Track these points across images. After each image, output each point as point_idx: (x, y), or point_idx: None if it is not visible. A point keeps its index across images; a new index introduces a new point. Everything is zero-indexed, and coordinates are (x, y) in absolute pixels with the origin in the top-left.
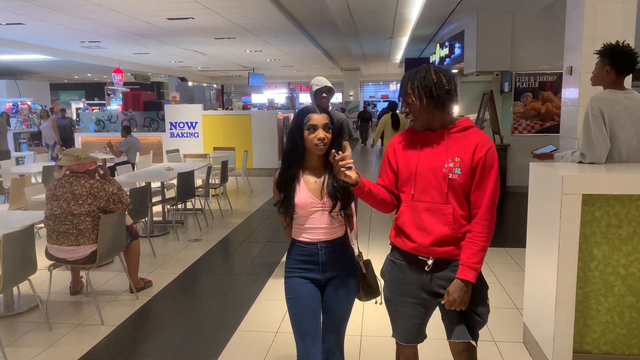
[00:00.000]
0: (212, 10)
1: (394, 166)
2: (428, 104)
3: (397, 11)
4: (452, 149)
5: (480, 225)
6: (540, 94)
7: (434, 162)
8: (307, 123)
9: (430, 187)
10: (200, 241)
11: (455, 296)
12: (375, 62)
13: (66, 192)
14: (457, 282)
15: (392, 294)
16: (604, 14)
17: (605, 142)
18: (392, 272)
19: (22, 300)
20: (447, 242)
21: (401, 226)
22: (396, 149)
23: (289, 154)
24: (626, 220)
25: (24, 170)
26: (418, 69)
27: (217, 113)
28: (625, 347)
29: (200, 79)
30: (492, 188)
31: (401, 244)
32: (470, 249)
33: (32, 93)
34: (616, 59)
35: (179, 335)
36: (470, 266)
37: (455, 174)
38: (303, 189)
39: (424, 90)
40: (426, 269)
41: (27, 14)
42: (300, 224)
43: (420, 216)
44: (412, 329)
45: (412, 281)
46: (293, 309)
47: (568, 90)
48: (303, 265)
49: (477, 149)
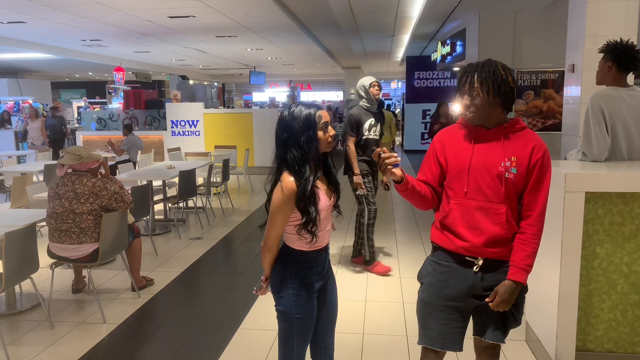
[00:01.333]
0: (213, 8)
1: (441, 160)
2: (494, 99)
3: (398, 9)
4: (508, 147)
5: (534, 227)
6: (542, 92)
7: (489, 159)
8: (321, 122)
9: (484, 184)
10: (201, 239)
11: (505, 297)
12: (376, 60)
13: (68, 191)
14: (509, 283)
15: (430, 297)
16: (606, 11)
17: (605, 140)
18: (435, 274)
19: (24, 299)
20: (498, 242)
21: (450, 225)
22: (445, 143)
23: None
24: (629, 218)
25: (25, 169)
26: (484, 62)
27: (219, 111)
28: (628, 345)
29: (201, 77)
30: (546, 191)
31: (448, 243)
32: (524, 250)
33: (34, 92)
34: (617, 56)
35: (181, 333)
36: (524, 268)
37: (511, 173)
38: (322, 194)
39: (494, 84)
40: (475, 269)
41: (28, 13)
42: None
43: (472, 214)
44: (449, 333)
45: (457, 284)
46: (303, 329)
47: (570, 88)
48: (313, 276)
49: (535, 151)
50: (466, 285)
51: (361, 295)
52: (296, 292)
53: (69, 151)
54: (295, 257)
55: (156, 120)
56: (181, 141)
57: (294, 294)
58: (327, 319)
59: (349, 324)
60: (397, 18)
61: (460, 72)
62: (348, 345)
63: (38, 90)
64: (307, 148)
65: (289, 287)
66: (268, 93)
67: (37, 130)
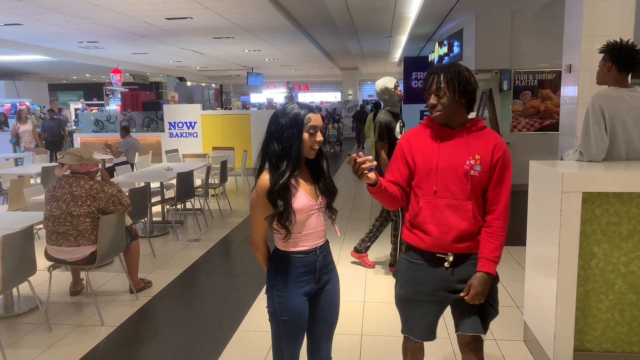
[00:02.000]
0: (211, 10)
1: (409, 161)
2: (459, 98)
3: (395, 10)
4: (472, 146)
5: (500, 221)
6: (539, 92)
7: (455, 159)
8: (308, 124)
9: (452, 183)
10: (199, 241)
11: (479, 289)
12: (373, 61)
13: (65, 193)
14: (480, 275)
15: (407, 294)
16: (602, 11)
17: (604, 140)
18: (409, 271)
19: (22, 302)
20: (466, 237)
21: (420, 223)
22: (412, 144)
23: (282, 158)
24: (626, 218)
25: (22, 171)
26: (449, 64)
27: (216, 113)
28: (626, 344)
29: (198, 78)
30: (509, 185)
31: (418, 241)
32: (492, 243)
33: (31, 94)
34: (617, 56)
35: (179, 335)
36: (493, 260)
37: (476, 171)
38: (301, 193)
39: (459, 84)
40: (446, 265)
41: (25, 15)
42: (297, 232)
43: (442, 212)
44: (428, 326)
45: (431, 280)
46: (292, 330)
47: (567, 88)
48: (300, 278)
49: (496, 148)
50: (440, 281)
51: (359, 296)
52: (281, 294)
53: (70, 152)
54: (281, 257)
55: (154, 122)
56: (179, 143)
57: (278, 295)
58: (322, 323)
59: (347, 325)
60: (395, 19)
61: (426, 74)
62: (346, 347)
63: (35, 93)
64: (288, 145)
65: (274, 288)
66: (266, 94)
67: (29, 134)
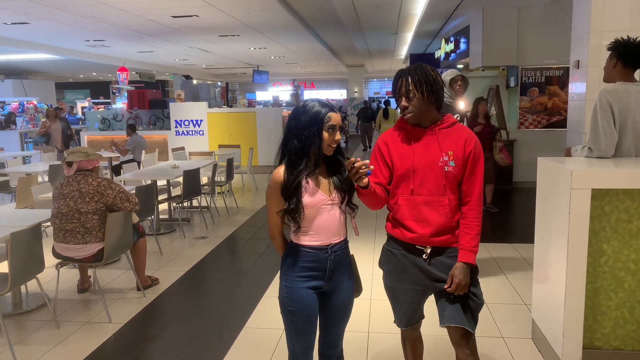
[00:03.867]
0: (217, 7)
1: (388, 162)
2: (428, 98)
3: (401, 7)
4: (444, 143)
5: (474, 211)
6: (546, 89)
7: (429, 157)
8: (328, 123)
9: (428, 180)
10: (206, 239)
11: (461, 278)
12: (379, 58)
13: (73, 191)
14: (461, 266)
15: (392, 282)
16: (611, 6)
17: (613, 135)
18: (391, 260)
19: (30, 299)
20: (444, 231)
21: (400, 219)
22: (389, 146)
23: (302, 156)
24: (636, 214)
25: (30, 169)
26: (413, 66)
27: (222, 111)
28: (636, 342)
29: (204, 76)
30: (481, 177)
31: (400, 235)
32: (468, 234)
33: (38, 92)
34: (621, 52)
35: (186, 332)
36: (471, 249)
37: (450, 166)
38: (312, 187)
39: (427, 84)
40: (424, 257)
41: (32, 14)
42: (307, 226)
43: (419, 209)
44: (411, 314)
45: (411, 267)
46: (299, 322)
47: (575, 84)
48: (308, 272)
49: (467, 142)
50: (419, 270)
51: (366, 293)
52: (289, 285)
53: (74, 150)
54: (292, 249)
55: (160, 120)
56: (185, 141)
57: (286, 286)
58: (332, 321)
59: (355, 323)
60: (401, 16)
61: (394, 78)
62: (353, 344)
63: (42, 91)
64: (308, 142)
65: (283, 278)
66: (272, 92)
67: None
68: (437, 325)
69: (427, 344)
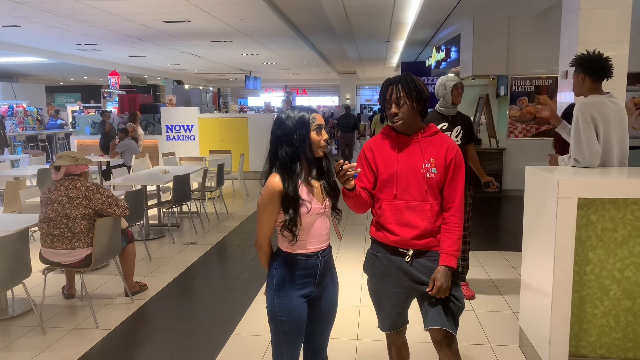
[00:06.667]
0: (209, 13)
1: (373, 168)
2: (417, 106)
3: (393, 15)
4: (426, 151)
5: (456, 217)
6: (536, 98)
7: (412, 163)
8: (315, 123)
9: (410, 186)
10: (195, 244)
11: (442, 282)
12: (371, 65)
13: (61, 195)
14: (442, 269)
15: (375, 286)
16: (598, 18)
17: (597, 146)
18: (375, 264)
19: (16, 304)
20: (425, 235)
21: (383, 223)
22: (374, 152)
23: (296, 160)
24: (622, 224)
25: (18, 173)
26: (402, 75)
27: (214, 116)
28: (621, 350)
29: (196, 81)
30: (462, 184)
31: (383, 238)
32: (450, 238)
33: (28, 96)
34: (587, 67)
35: (175, 339)
36: (452, 253)
37: (432, 173)
38: (308, 196)
39: (416, 92)
40: (406, 260)
41: (23, 17)
42: (302, 235)
43: (402, 213)
44: (394, 317)
45: (394, 270)
46: (290, 331)
47: (563, 94)
48: (301, 280)
49: (449, 151)
50: (403, 272)
51: (355, 300)
52: (280, 295)
53: (63, 155)
54: (283, 259)
55: (151, 125)
56: (176, 146)
57: (277, 296)
58: (320, 326)
59: (343, 330)
60: (392, 24)
61: (383, 86)
62: (342, 351)
63: (32, 95)
64: (300, 146)
65: (274, 288)
66: (263, 98)
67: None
68: (422, 332)
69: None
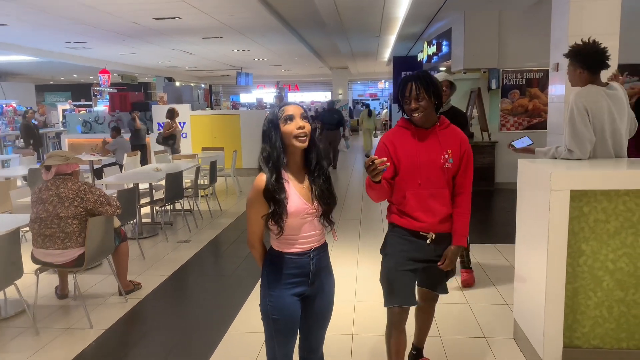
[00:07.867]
0: (199, 9)
1: (395, 159)
2: (435, 102)
3: (384, 9)
4: (444, 142)
5: (467, 202)
6: (527, 91)
7: (432, 154)
8: (282, 115)
9: (432, 175)
10: (189, 242)
11: (453, 259)
12: (363, 60)
13: (52, 195)
14: (455, 248)
15: (398, 265)
16: (589, 10)
17: (592, 138)
18: (395, 245)
19: (9, 305)
20: (445, 219)
21: (408, 212)
22: (396, 144)
23: (269, 159)
24: (614, 215)
25: (9, 173)
26: (420, 72)
27: (206, 113)
28: (615, 341)
29: (188, 79)
30: (472, 172)
31: (407, 224)
32: (462, 221)
33: (17, 95)
34: (584, 60)
35: (169, 337)
36: (464, 234)
37: (449, 163)
38: (294, 194)
39: (434, 88)
40: (428, 242)
41: (11, 15)
42: (291, 234)
43: (425, 201)
44: (408, 292)
45: (415, 253)
46: (282, 329)
47: (555, 86)
48: (292, 279)
49: (462, 142)
50: (424, 253)
51: (350, 295)
52: (272, 293)
53: (53, 154)
54: (274, 257)
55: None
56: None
57: (269, 294)
58: (315, 325)
59: (338, 325)
60: (383, 18)
61: (401, 83)
62: (337, 346)
63: (22, 94)
64: (273, 141)
65: (266, 286)
66: (255, 94)
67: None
68: None
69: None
